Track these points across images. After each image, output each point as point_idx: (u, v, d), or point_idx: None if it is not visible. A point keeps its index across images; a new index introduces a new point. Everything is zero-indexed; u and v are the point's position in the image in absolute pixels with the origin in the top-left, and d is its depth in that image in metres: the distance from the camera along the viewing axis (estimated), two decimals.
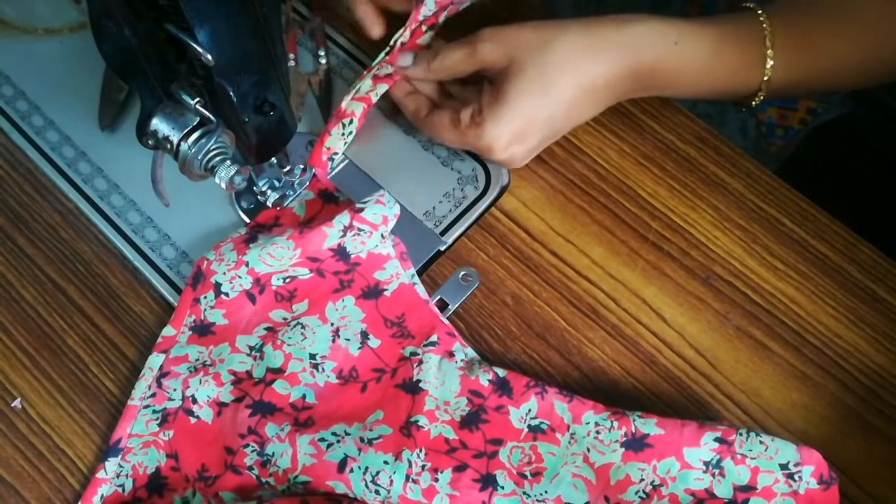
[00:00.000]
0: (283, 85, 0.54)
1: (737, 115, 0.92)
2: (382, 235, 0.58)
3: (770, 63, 0.58)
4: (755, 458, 0.49)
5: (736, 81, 0.59)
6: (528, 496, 0.52)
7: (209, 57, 0.46)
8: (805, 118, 0.93)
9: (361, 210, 0.57)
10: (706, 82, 0.59)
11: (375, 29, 0.62)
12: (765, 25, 0.58)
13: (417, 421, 0.53)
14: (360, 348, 0.56)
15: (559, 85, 0.56)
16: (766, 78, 0.59)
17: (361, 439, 0.53)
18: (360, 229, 0.57)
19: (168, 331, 0.57)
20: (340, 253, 0.58)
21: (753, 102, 0.61)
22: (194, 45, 0.46)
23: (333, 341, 0.56)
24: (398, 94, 0.63)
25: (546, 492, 0.52)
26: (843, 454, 0.54)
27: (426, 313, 0.57)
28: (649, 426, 0.51)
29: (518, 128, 0.57)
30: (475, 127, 0.57)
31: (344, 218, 0.57)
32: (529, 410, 0.53)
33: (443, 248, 0.62)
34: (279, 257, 0.57)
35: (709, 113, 0.88)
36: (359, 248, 0.58)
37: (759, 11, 0.59)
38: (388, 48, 0.60)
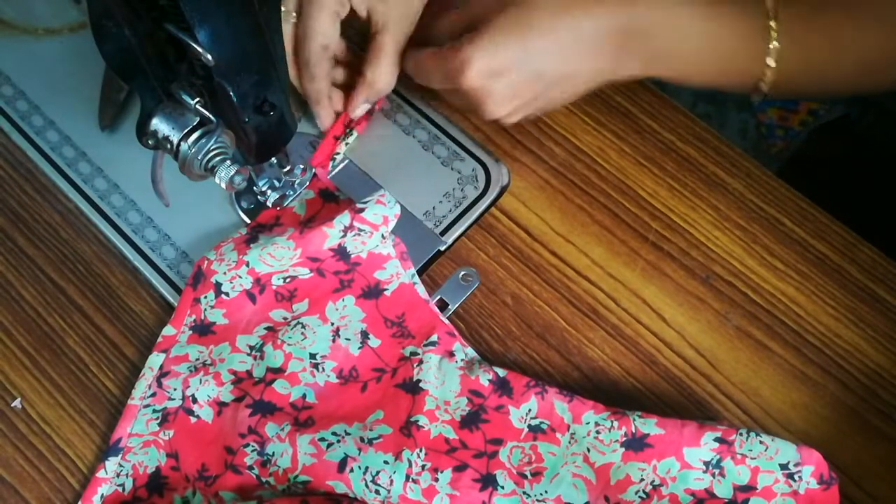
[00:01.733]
0: (283, 85, 0.54)
1: (737, 115, 0.92)
2: (383, 236, 0.58)
3: (774, 44, 0.56)
4: (755, 458, 0.49)
5: (738, 60, 0.58)
6: (529, 496, 0.52)
7: (209, 57, 0.46)
8: (806, 119, 0.92)
9: (362, 210, 0.57)
10: (706, 56, 0.57)
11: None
12: (767, 3, 0.57)
13: (417, 421, 0.53)
14: (360, 348, 0.57)
15: (541, 26, 0.55)
16: (769, 61, 0.57)
17: (361, 439, 0.53)
18: (360, 229, 0.57)
19: (168, 330, 0.57)
20: (341, 253, 0.58)
21: (762, 86, 0.58)
22: (194, 46, 0.46)
23: (333, 341, 0.56)
24: None
25: (546, 492, 0.52)
26: (843, 454, 0.54)
27: (426, 313, 0.57)
28: (649, 426, 0.51)
29: (496, 62, 0.55)
30: (453, 49, 0.56)
31: (344, 218, 0.57)
32: (529, 410, 0.53)
33: (443, 248, 0.62)
34: (279, 257, 0.57)
35: (708, 113, 0.87)
36: (359, 248, 0.58)
37: None
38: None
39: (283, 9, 0.59)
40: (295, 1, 0.60)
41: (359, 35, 0.64)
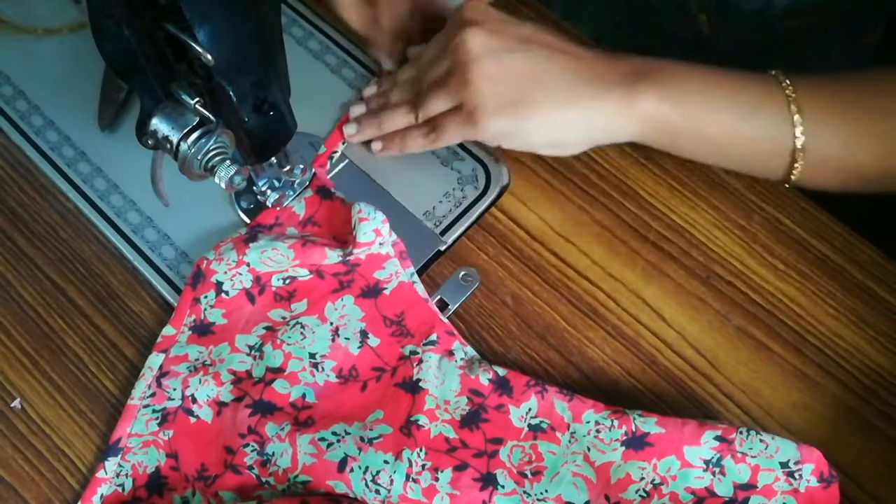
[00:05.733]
0: (282, 85, 0.54)
1: None
2: (381, 243, 0.58)
3: (798, 120, 0.54)
4: (755, 457, 0.49)
5: (762, 117, 0.55)
6: (529, 495, 0.52)
7: (209, 57, 0.46)
8: None
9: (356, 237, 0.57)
10: (724, 105, 0.55)
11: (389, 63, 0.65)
12: (788, 92, 0.54)
13: (417, 420, 0.53)
14: (359, 347, 0.56)
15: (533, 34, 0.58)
16: (795, 118, 0.54)
17: (361, 439, 0.52)
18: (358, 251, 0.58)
19: (168, 330, 0.57)
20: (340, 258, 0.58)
21: (796, 159, 0.55)
22: (194, 45, 0.46)
23: (333, 340, 0.56)
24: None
25: (546, 491, 0.52)
26: (843, 454, 0.54)
27: (425, 312, 0.57)
28: (649, 425, 0.51)
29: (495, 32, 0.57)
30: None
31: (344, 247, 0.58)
32: (530, 409, 0.53)
33: (443, 248, 0.61)
34: (279, 261, 0.57)
35: None
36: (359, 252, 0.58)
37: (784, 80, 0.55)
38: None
39: None
40: None
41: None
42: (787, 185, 0.57)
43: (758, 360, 0.57)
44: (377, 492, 0.51)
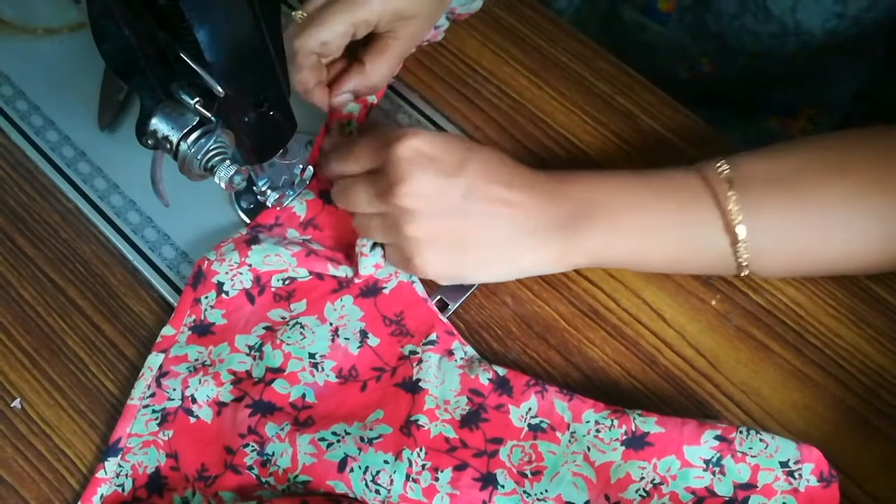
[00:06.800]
0: (283, 84, 0.54)
1: (739, 122, 0.92)
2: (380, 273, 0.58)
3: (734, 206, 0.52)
4: (755, 456, 0.49)
5: (707, 245, 0.54)
6: (529, 495, 0.52)
7: (219, 88, 0.46)
8: (806, 126, 0.92)
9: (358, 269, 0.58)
10: (668, 238, 0.54)
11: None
12: (733, 216, 0.52)
13: (417, 420, 0.53)
14: (359, 347, 0.57)
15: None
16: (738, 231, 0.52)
17: (361, 439, 0.53)
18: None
19: (167, 330, 0.57)
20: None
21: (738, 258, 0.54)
22: (205, 76, 0.46)
23: (333, 340, 0.56)
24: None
25: (546, 490, 0.52)
26: (843, 454, 0.54)
27: (425, 311, 0.57)
28: (649, 424, 0.51)
29: (432, 148, 0.53)
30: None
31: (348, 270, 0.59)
32: (529, 409, 0.53)
33: None
34: (280, 264, 0.57)
35: (710, 119, 0.88)
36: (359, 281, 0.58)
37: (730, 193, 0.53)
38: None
39: (297, 13, 0.60)
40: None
41: None
42: None
43: (758, 360, 0.57)
44: (377, 492, 0.51)
